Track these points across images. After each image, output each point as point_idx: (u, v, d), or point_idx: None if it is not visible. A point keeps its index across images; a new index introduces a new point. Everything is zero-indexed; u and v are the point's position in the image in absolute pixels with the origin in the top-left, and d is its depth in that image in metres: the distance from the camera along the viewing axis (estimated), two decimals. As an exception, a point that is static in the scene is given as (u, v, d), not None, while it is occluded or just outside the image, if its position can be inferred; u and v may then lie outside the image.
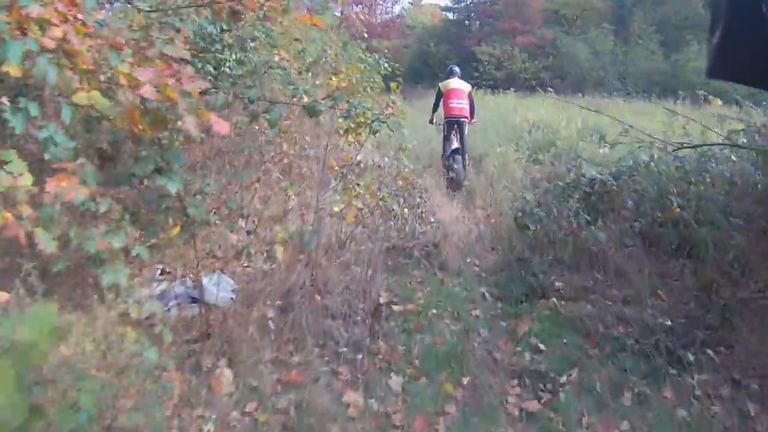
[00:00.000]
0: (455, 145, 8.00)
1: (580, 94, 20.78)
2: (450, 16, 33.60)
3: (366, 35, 9.15)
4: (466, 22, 32.44)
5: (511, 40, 28.19)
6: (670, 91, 16.24)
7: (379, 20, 31.78)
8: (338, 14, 9.24)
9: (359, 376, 3.29)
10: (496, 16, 29.47)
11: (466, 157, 8.21)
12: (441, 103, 8.40)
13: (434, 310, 4.15)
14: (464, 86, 8.42)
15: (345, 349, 3.48)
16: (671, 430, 2.83)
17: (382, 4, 32.44)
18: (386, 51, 8.96)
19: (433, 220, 5.86)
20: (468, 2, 31.69)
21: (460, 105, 8.18)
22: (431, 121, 8.84)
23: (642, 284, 3.94)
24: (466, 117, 8.16)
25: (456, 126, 8.09)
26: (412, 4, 37.81)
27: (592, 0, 29.78)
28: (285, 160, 5.49)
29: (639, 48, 27.21)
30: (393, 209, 5.21)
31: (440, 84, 8.61)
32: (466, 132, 8.20)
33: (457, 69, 8.78)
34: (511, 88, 21.68)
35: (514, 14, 29.27)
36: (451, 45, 30.07)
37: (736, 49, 1.32)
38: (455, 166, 7.82)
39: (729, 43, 1.33)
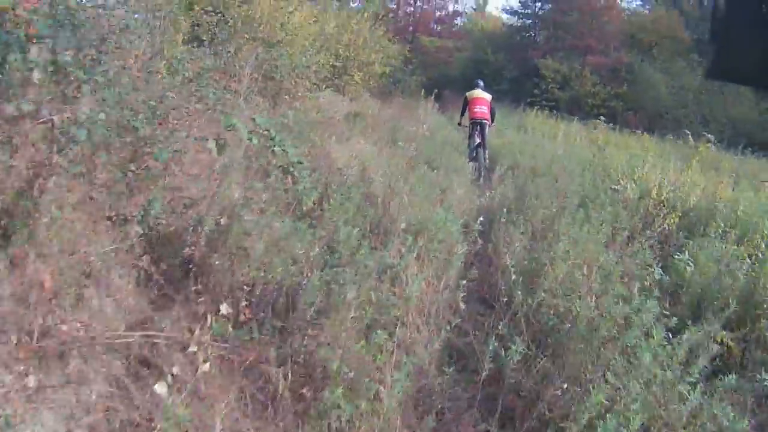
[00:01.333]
0: (477, 141, 9.59)
1: (653, 132, 17.62)
2: (514, 21, 28.99)
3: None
4: (532, 31, 28.26)
5: (582, 58, 24.20)
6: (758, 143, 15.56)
7: (435, 14, 27.80)
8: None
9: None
10: (568, 29, 25.47)
11: (487, 152, 9.82)
12: (467, 109, 9.96)
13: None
14: (486, 95, 9.89)
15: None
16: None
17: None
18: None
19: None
20: (536, 8, 27.48)
21: (482, 110, 9.68)
22: (459, 123, 10.67)
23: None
24: (487, 119, 9.67)
25: (479, 127, 9.61)
26: (474, 9, 33.87)
27: (673, 27, 25.52)
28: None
29: (728, 89, 23.21)
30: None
31: (467, 94, 10.28)
32: (486, 132, 9.71)
33: (480, 82, 10.34)
34: (576, 117, 18.04)
35: (589, 30, 25.33)
36: (511, 54, 26.24)
37: (735, 49, 1.39)
38: (479, 159, 9.47)
39: (728, 44, 1.41)
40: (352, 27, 17.31)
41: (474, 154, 9.55)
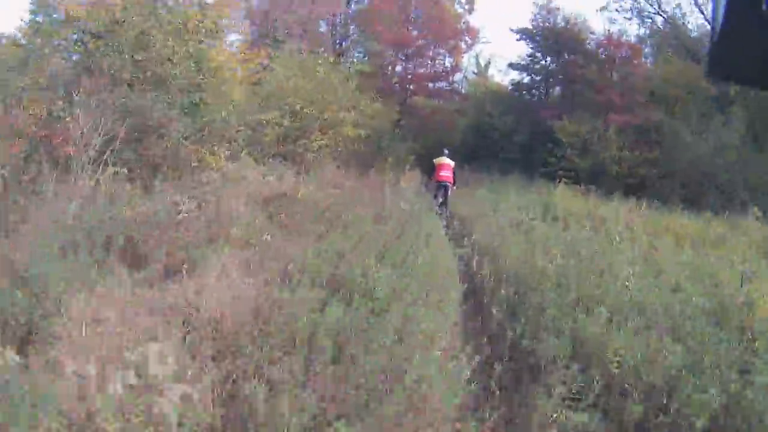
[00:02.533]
0: (440, 200, 12.67)
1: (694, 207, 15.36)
2: (522, 77, 25.40)
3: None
4: (542, 88, 24.63)
5: (603, 117, 20.49)
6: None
7: (429, 70, 24.25)
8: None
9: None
10: (586, 83, 21.73)
11: (449, 208, 12.71)
12: (435, 172, 13.08)
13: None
14: (450, 162, 13.16)
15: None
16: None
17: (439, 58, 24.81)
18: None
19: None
20: (547, 61, 23.87)
21: (446, 174, 12.94)
22: (427, 185, 13.78)
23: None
24: (450, 182, 12.95)
25: (443, 188, 12.84)
26: (476, 74, 30.62)
27: (698, 79, 22.07)
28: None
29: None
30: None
31: (434, 160, 13.37)
32: (449, 192, 12.95)
33: (446, 151, 13.65)
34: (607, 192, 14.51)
35: (610, 84, 21.71)
36: (519, 116, 22.57)
37: (734, 48, 1.43)
38: (442, 211, 12.29)
39: (728, 43, 1.43)
40: (316, 74, 13.72)
41: (438, 210, 12.11)
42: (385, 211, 8.38)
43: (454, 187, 13.05)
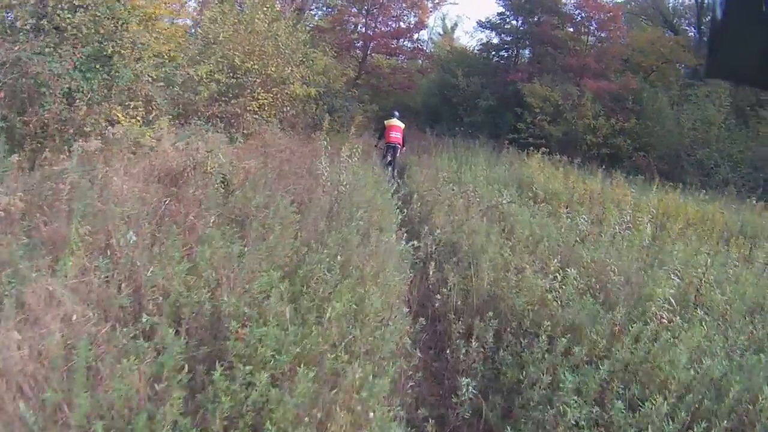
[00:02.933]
0: (389, 159, 12.59)
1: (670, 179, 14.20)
2: (490, 36, 23.34)
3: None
4: (512, 49, 22.64)
5: (575, 81, 18.85)
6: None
7: (388, 27, 21.93)
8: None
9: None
10: (558, 45, 19.99)
11: (397, 168, 12.67)
12: (384, 134, 12.85)
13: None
14: (401, 124, 12.84)
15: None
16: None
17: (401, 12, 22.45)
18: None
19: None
20: (519, 21, 21.88)
21: (396, 136, 12.68)
22: (376, 146, 13.25)
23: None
24: (399, 143, 12.68)
25: (392, 149, 12.65)
26: (441, 35, 28.43)
27: (677, 51, 21.29)
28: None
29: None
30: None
31: (385, 121, 13.10)
32: (398, 153, 12.72)
33: (396, 113, 13.27)
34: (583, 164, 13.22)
35: (586, 45, 20.05)
36: (487, 78, 20.65)
37: (732, 48, 1.42)
38: (390, 171, 12.21)
39: (725, 43, 1.44)
40: (258, 23, 11.56)
41: (386, 169, 12.13)
42: (317, 190, 6.44)
43: (404, 149, 13.05)
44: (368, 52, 21.81)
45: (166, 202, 5.02)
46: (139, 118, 7.46)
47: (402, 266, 5.15)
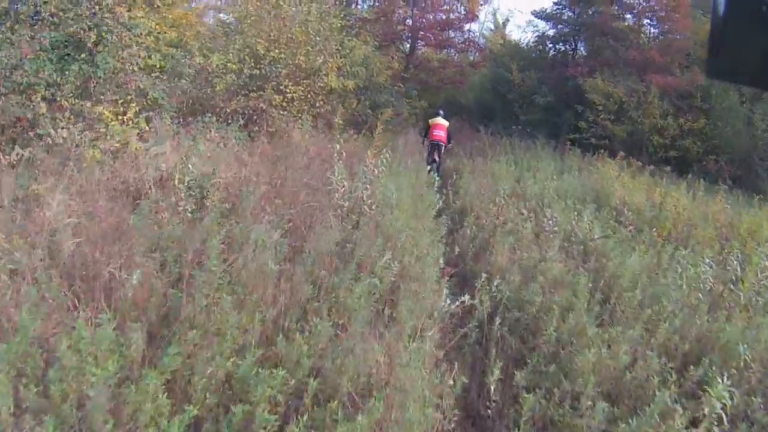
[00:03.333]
0: (434, 157, 12.76)
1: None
2: (546, 28, 21.98)
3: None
4: (571, 41, 21.27)
5: (640, 76, 17.56)
6: None
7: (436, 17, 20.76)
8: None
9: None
10: (618, 37, 18.67)
11: (441, 166, 12.92)
12: (429, 132, 13.25)
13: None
14: (444, 122, 13.16)
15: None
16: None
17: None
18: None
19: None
20: (575, 12, 20.51)
21: (440, 134, 12.93)
22: (423, 143, 13.85)
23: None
24: (443, 142, 12.95)
25: (437, 147, 12.87)
26: (493, 30, 27.33)
27: None
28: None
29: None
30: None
31: (429, 120, 13.54)
32: (442, 150, 13.00)
33: (441, 111, 13.59)
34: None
35: (649, 39, 18.74)
36: (543, 73, 19.45)
37: (734, 48, 1.39)
38: (435, 170, 12.24)
39: (728, 43, 1.41)
40: (285, 6, 10.62)
41: (430, 168, 12.12)
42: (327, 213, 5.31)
43: (449, 145, 13.51)
44: (416, 45, 20.76)
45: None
46: (121, 116, 6.58)
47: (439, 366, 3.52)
